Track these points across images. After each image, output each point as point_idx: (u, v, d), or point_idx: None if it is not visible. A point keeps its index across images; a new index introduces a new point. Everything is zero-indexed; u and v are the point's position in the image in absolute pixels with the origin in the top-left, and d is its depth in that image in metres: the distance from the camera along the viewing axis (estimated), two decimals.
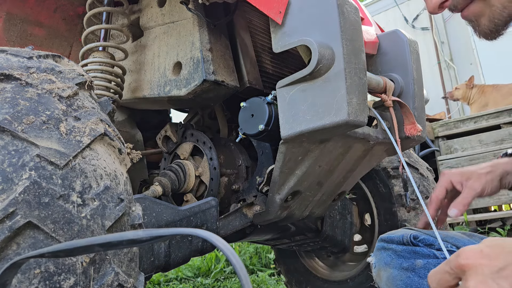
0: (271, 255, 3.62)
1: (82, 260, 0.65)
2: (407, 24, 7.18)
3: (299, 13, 1.06)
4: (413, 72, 1.33)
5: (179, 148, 1.56)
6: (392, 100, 1.26)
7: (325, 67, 1.00)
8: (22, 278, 0.59)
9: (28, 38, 1.59)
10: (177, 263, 1.11)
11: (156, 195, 1.33)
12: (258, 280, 3.18)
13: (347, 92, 0.98)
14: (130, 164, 0.88)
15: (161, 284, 3.41)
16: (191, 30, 1.29)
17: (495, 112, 3.60)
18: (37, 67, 0.79)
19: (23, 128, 0.68)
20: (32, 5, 1.57)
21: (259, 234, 1.65)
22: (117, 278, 0.70)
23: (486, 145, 3.44)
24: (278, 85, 1.10)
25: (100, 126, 0.79)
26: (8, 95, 0.70)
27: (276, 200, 1.30)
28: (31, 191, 0.63)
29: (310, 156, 1.21)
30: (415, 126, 1.27)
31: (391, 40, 1.39)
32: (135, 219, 0.80)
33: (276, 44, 1.10)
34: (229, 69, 1.31)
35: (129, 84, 1.48)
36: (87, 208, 0.68)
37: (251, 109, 1.20)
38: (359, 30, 1.06)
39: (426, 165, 2.00)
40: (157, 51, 1.40)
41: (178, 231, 0.43)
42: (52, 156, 0.67)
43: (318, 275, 2.15)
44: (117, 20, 1.56)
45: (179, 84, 1.29)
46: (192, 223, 1.15)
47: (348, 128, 1.07)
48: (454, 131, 3.70)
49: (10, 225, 0.59)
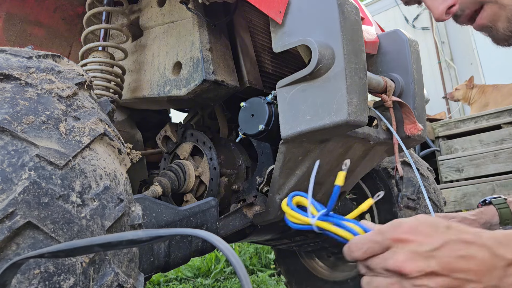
0: (271, 255, 3.62)
1: (81, 260, 0.65)
2: (407, 23, 7.18)
3: (299, 13, 1.06)
4: (413, 72, 1.33)
5: (179, 148, 1.55)
6: (392, 100, 1.26)
7: (325, 67, 1.00)
8: (21, 278, 0.58)
9: (27, 38, 1.58)
10: (177, 264, 1.11)
11: (156, 195, 1.32)
12: (258, 280, 3.18)
13: (347, 92, 0.98)
14: (129, 164, 0.88)
15: (161, 284, 3.41)
16: (191, 30, 1.29)
17: (495, 112, 3.60)
18: (37, 67, 0.79)
19: (23, 128, 0.67)
20: (31, 5, 1.57)
21: (259, 234, 1.65)
22: (117, 279, 0.70)
23: (487, 145, 3.44)
24: (278, 85, 1.10)
25: (99, 126, 0.79)
26: (8, 95, 0.70)
27: (276, 200, 1.30)
28: (30, 191, 0.63)
29: (310, 156, 1.21)
30: (415, 125, 1.26)
31: (391, 40, 1.39)
32: (135, 219, 0.80)
33: (276, 44, 1.10)
34: (229, 69, 1.31)
35: (129, 84, 1.47)
36: (87, 208, 0.68)
37: (251, 109, 1.19)
38: (359, 30, 1.06)
39: (426, 165, 2.00)
40: (157, 51, 1.40)
41: (178, 232, 0.43)
42: (52, 156, 0.67)
43: (318, 275, 2.15)
44: (116, 19, 1.56)
45: (179, 84, 1.29)
46: (192, 224, 1.15)
47: (349, 128, 1.07)
48: (455, 131, 3.70)
49: (10, 225, 0.59)
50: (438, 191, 1.92)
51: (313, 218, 0.66)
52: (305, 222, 0.67)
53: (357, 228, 0.64)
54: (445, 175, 3.44)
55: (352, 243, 0.62)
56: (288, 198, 0.71)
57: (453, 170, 3.40)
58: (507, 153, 3.14)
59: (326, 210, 0.66)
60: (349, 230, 0.64)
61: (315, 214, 0.67)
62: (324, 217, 0.66)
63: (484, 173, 3.24)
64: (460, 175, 3.36)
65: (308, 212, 0.67)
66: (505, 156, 3.14)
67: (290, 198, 0.71)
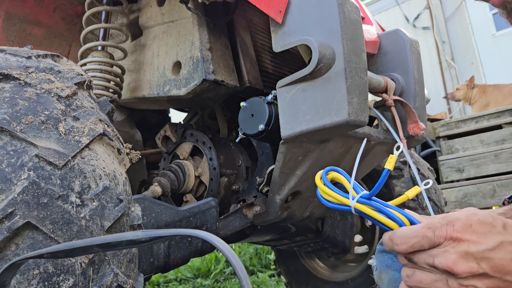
0: (271, 256, 3.62)
1: (81, 261, 0.64)
2: (408, 23, 7.19)
3: (299, 13, 1.05)
4: (414, 72, 1.33)
5: (178, 148, 1.55)
6: (393, 99, 1.25)
7: (326, 67, 1.00)
8: (21, 279, 0.58)
9: (27, 38, 1.58)
10: (176, 264, 1.11)
11: (156, 196, 1.32)
12: (258, 281, 3.18)
13: (348, 92, 0.98)
14: (129, 164, 0.88)
15: (161, 285, 3.41)
16: (190, 30, 1.29)
17: (496, 112, 3.60)
18: (36, 66, 0.78)
19: (22, 128, 0.67)
20: (31, 5, 1.57)
21: (259, 234, 1.65)
22: (116, 279, 0.70)
23: (488, 145, 3.44)
24: (278, 84, 1.09)
25: (99, 126, 0.78)
26: (7, 95, 0.70)
27: (276, 201, 1.29)
28: (30, 191, 0.62)
29: (311, 156, 1.21)
30: (418, 124, 1.26)
31: (392, 39, 1.39)
32: (135, 219, 0.80)
33: (276, 44, 1.10)
34: (229, 68, 1.30)
35: (128, 83, 1.47)
36: (86, 209, 0.68)
37: (251, 109, 1.19)
38: (359, 29, 1.06)
39: (427, 165, 1.99)
40: (157, 51, 1.40)
41: (178, 232, 0.42)
42: (51, 156, 0.67)
43: (319, 275, 2.15)
44: (116, 19, 1.56)
45: (179, 83, 1.29)
46: (191, 224, 1.15)
47: (349, 128, 1.06)
48: (455, 131, 3.70)
49: (9, 225, 0.59)
50: (439, 191, 1.92)
51: (353, 199, 0.61)
52: (343, 202, 0.62)
53: (403, 217, 0.59)
54: (446, 175, 3.44)
55: (397, 234, 0.59)
56: (323, 173, 0.65)
57: (453, 170, 3.40)
58: (508, 153, 3.14)
59: (370, 194, 0.61)
60: (394, 218, 0.59)
61: (355, 195, 0.61)
62: (365, 200, 0.61)
63: (485, 173, 3.23)
64: (460, 175, 3.36)
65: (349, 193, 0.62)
66: (506, 156, 3.13)
67: (325, 173, 0.65)
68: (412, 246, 0.57)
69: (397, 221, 0.59)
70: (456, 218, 0.56)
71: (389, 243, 0.60)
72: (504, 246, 0.53)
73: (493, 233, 0.54)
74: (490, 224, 0.55)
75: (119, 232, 0.74)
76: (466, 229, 0.55)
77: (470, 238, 0.54)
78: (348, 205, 0.61)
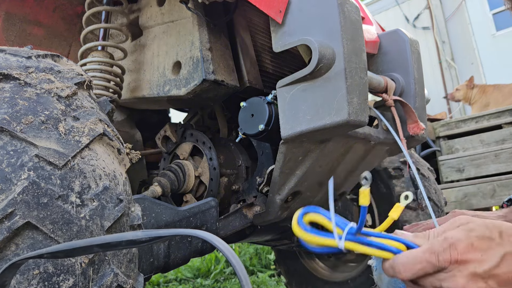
0: (271, 256, 3.62)
1: (81, 261, 0.64)
2: (408, 23, 7.19)
3: (299, 13, 1.05)
4: (414, 72, 1.33)
5: (178, 148, 1.55)
6: (393, 99, 1.25)
7: (326, 67, 1.00)
8: (21, 279, 0.58)
9: (27, 38, 1.58)
10: (176, 264, 1.10)
11: (156, 196, 1.32)
12: (258, 281, 3.18)
13: (348, 92, 0.98)
14: (129, 164, 0.88)
15: (161, 285, 3.41)
16: (190, 30, 1.29)
17: (496, 112, 3.60)
18: (36, 66, 0.78)
19: (22, 128, 0.67)
20: (31, 5, 1.57)
21: (259, 234, 1.65)
22: (116, 279, 0.70)
23: (488, 145, 3.43)
24: (278, 84, 1.09)
25: (99, 126, 0.78)
26: (7, 94, 0.70)
27: (276, 201, 1.29)
28: (30, 191, 0.62)
29: (311, 156, 1.21)
30: (418, 124, 1.26)
31: (392, 39, 1.39)
32: (134, 219, 0.80)
33: (276, 44, 1.10)
34: (229, 68, 1.30)
35: (128, 83, 1.47)
36: (86, 209, 0.68)
37: (251, 109, 1.19)
38: (359, 29, 1.06)
39: (427, 165, 1.99)
40: (157, 51, 1.40)
41: (178, 232, 0.42)
42: (51, 156, 0.67)
43: (319, 276, 2.15)
44: (116, 19, 1.56)
45: (179, 83, 1.29)
46: (191, 224, 1.15)
47: (349, 128, 1.06)
48: (455, 131, 3.70)
49: (9, 225, 0.59)
50: (439, 191, 1.92)
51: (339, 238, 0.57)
52: (330, 244, 0.58)
53: (397, 244, 0.58)
54: (446, 175, 3.44)
55: (398, 262, 0.58)
56: (298, 218, 0.60)
57: (454, 170, 3.40)
58: (508, 153, 3.13)
59: (357, 229, 0.58)
60: (388, 249, 0.58)
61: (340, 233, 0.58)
62: (352, 237, 0.58)
63: (485, 173, 3.23)
64: (461, 175, 3.36)
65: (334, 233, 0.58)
66: (506, 156, 3.13)
67: (301, 218, 0.60)
68: (416, 273, 0.57)
69: (392, 251, 0.58)
70: (457, 239, 0.56)
71: (391, 271, 0.59)
72: (506, 258, 0.54)
73: (494, 247, 0.55)
74: (488, 238, 0.56)
75: (119, 232, 0.74)
76: (468, 249, 0.55)
77: (474, 258, 0.54)
78: (337, 246, 0.58)
